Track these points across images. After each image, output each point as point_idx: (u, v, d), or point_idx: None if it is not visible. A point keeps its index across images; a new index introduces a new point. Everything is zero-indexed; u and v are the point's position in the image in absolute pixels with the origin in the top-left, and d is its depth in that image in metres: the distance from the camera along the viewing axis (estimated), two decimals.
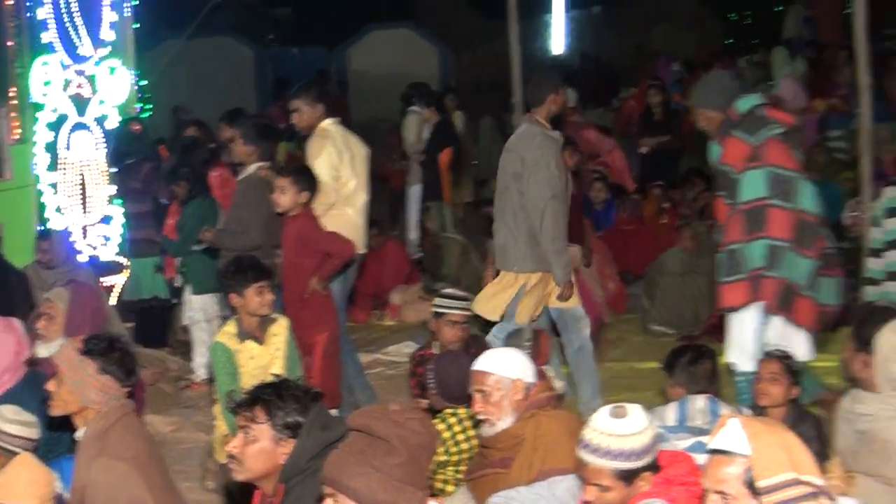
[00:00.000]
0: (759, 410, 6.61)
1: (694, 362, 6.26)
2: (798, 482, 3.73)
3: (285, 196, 8.36)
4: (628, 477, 4.47)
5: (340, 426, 4.38)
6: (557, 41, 32.10)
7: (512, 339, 7.71)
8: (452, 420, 6.57)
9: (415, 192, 15.05)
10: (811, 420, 6.67)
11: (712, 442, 3.86)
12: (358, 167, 9.20)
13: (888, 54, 17.85)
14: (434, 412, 6.72)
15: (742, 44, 25.73)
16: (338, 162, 8.99)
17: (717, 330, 10.37)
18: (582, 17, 33.08)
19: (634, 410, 4.58)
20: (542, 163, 8.20)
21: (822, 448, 6.41)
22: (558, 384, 7.67)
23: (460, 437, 6.54)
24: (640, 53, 25.17)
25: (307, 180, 8.52)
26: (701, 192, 13.13)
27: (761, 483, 3.70)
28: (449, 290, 8.39)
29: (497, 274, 8.79)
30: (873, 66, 10.97)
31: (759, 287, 7.20)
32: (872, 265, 7.64)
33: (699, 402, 5.87)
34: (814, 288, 7.24)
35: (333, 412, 6.38)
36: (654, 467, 4.59)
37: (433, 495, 6.13)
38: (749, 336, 7.38)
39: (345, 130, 9.37)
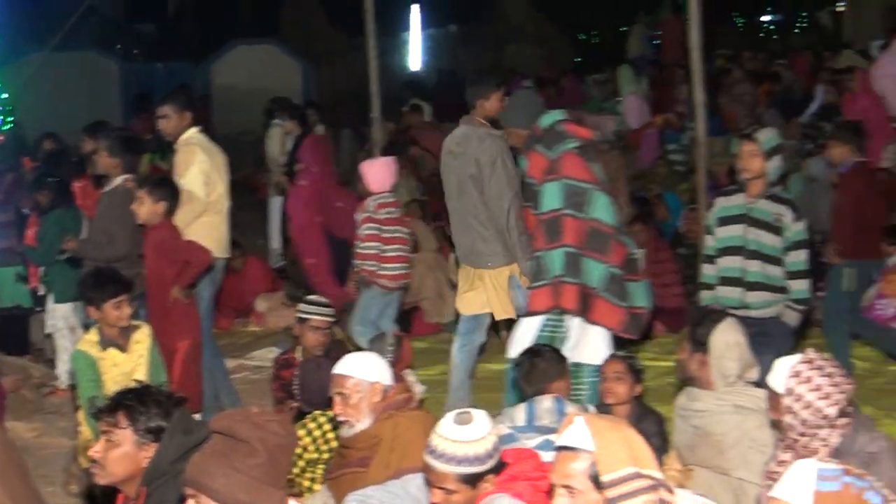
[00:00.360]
0: (604, 408, 6.76)
1: (533, 362, 6.34)
2: (639, 476, 3.81)
3: (143, 207, 8.27)
4: (472, 480, 4.53)
5: (203, 430, 4.38)
6: (415, 58, 32.32)
7: (375, 344, 7.73)
8: (312, 425, 6.58)
9: (276, 203, 15.03)
10: (653, 417, 6.80)
11: (559, 439, 3.92)
12: (222, 174, 9.20)
13: (720, 73, 18.29)
14: (303, 415, 6.79)
15: (590, 62, 26.09)
16: (209, 169, 8.98)
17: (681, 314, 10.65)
18: (438, 34, 33.27)
19: (478, 417, 4.63)
20: (499, 162, 8.16)
21: (662, 443, 6.57)
22: (418, 388, 7.76)
23: (320, 441, 6.59)
24: (495, 69, 25.36)
25: (165, 191, 8.44)
26: None
27: (605, 477, 3.77)
28: (312, 297, 8.39)
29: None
30: (707, 84, 11.24)
31: (560, 293, 7.41)
32: (707, 271, 7.79)
33: (546, 402, 5.95)
34: (612, 291, 7.44)
35: (197, 417, 6.35)
36: (497, 469, 4.65)
37: (297, 494, 6.18)
38: (529, 337, 7.59)
39: (207, 139, 9.36)
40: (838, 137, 9.57)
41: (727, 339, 5.95)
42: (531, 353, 6.53)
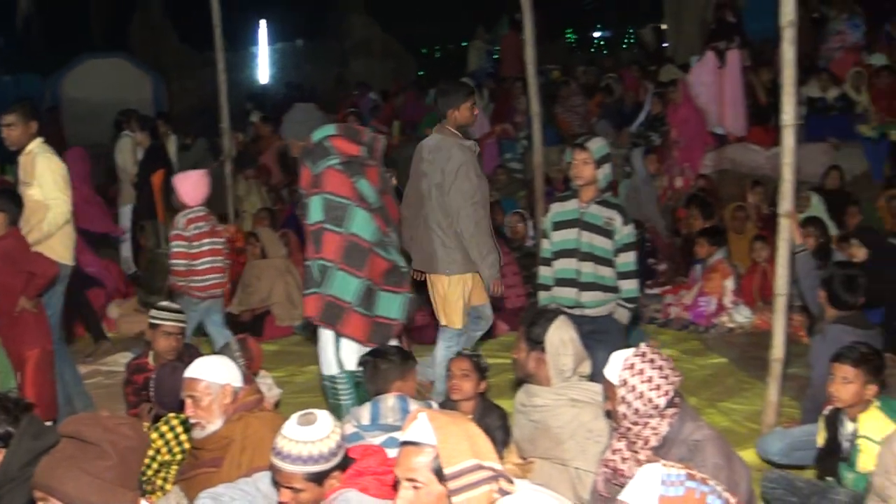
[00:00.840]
0: (451, 404, 6.82)
1: (377, 365, 6.38)
2: (480, 467, 3.86)
3: None
4: (318, 478, 4.53)
5: (53, 435, 4.28)
6: (263, 71, 32.19)
7: (225, 349, 7.68)
8: (165, 428, 6.54)
9: (126, 212, 14.85)
10: (497, 411, 6.82)
11: (403, 435, 3.96)
12: (69, 184, 9.05)
13: (555, 85, 18.55)
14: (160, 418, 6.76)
15: (432, 75, 26.18)
16: (66, 175, 8.84)
17: (425, 331, 10.66)
18: (286, 49, 33.14)
19: (321, 417, 4.63)
20: (462, 171, 8.13)
21: (505, 436, 6.63)
22: (275, 391, 7.74)
23: (173, 443, 6.56)
24: (340, 83, 25.34)
25: (3, 202, 8.27)
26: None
27: (447, 470, 3.81)
28: (164, 303, 8.26)
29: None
30: (543, 96, 11.41)
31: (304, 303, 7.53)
32: (544, 272, 7.86)
33: (390, 400, 5.96)
34: (364, 305, 7.54)
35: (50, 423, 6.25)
36: (343, 465, 4.67)
37: (150, 492, 6.13)
38: (328, 345, 7.74)
39: (52, 150, 9.17)
40: None
41: (562, 337, 6.03)
42: (375, 354, 6.53)
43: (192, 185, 9.90)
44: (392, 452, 4.67)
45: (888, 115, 15.82)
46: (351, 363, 7.67)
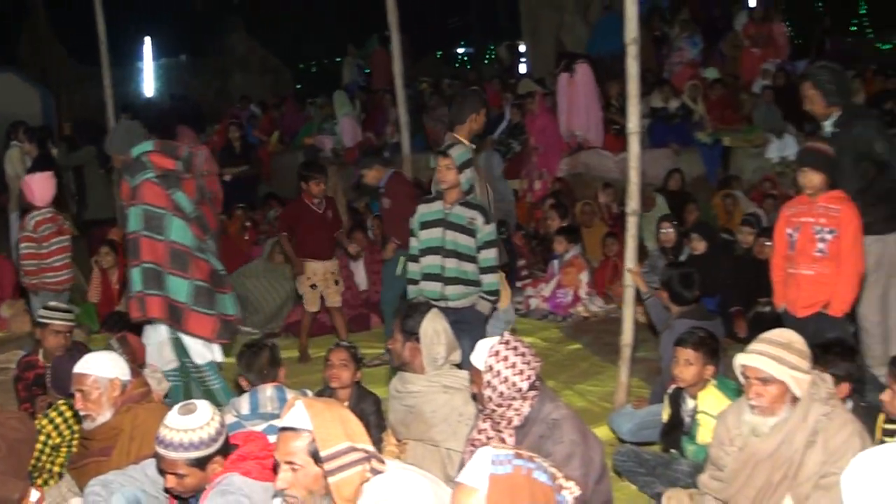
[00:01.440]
0: (329, 392, 6.83)
1: (253, 356, 6.37)
2: (353, 449, 3.89)
3: None
4: (201, 463, 4.55)
5: None
6: (149, 85, 31.83)
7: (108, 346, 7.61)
8: (54, 414, 6.42)
9: (15, 218, 14.62)
10: (371, 398, 6.83)
11: (282, 421, 3.97)
12: None
13: (422, 97, 18.64)
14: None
15: (309, 88, 26.12)
16: None
17: (296, 325, 10.64)
18: (170, 64, 32.76)
19: (201, 406, 4.65)
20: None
21: (379, 421, 6.67)
22: (165, 385, 7.67)
23: (63, 426, 6.47)
24: (222, 96, 25.17)
25: None
26: (278, 212, 13.31)
27: (323, 452, 3.84)
28: (52, 304, 8.17)
29: None
30: (412, 107, 11.47)
31: (146, 305, 7.43)
32: (412, 268, 7.86)
33: (268, 390, 5.95)
34: (201, 303, 7.56)
35: None
36: (226, 451, 4.68)
37: (40, 480, 6.03)
38: (160, 341, 7.75)
39: None
40: (367, 165, 10.01)
41: (435, 327, 6.06)
42: (250, 346, 6.53)
43: (39, 187, 9.80)
44: (272, 439, 4.60)
45: (721, 123, 16.26)
46: (202, 356, 7.74)
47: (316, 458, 3.88)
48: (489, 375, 5.03)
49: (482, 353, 5.09)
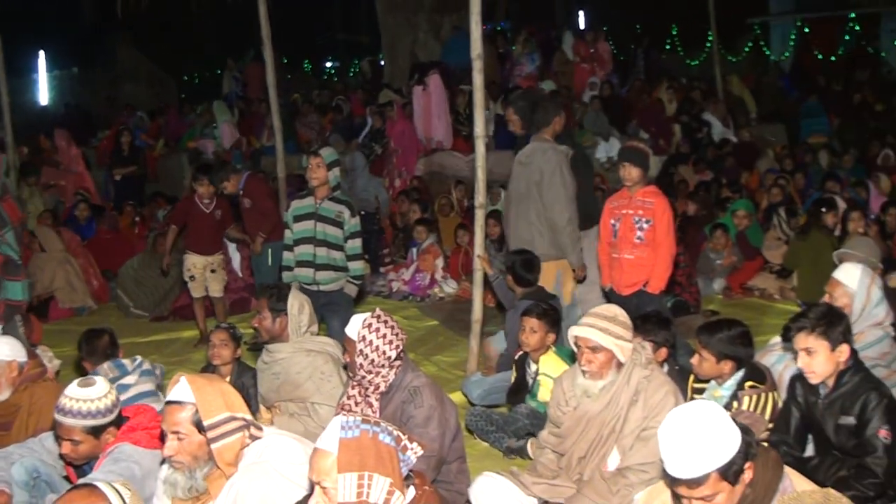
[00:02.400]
0: (212, 368, 6.77)
1: (94, 340, 6.26)
2: (233, 418, 3.89)
3: None
4: (96, 432, 4.51)
5: None
6: (43, 95, 31.03)
7: (9, 325, 7.40)
8: None
9: None
10: (251, 372, 6.77)
11: (168, 396, 3.96)
12: None
13: (294, 105, 18.57)
14: None
15: (192, 98, 25.73)
16: None
17: (186, 309, 10.50)
18: (63, 75, 31.88)
19: (98, 381, 4.63)
20: (557, 171, 7.85)
21: (258, 392, 6.67)
22: (56, 362, 7.50)
23: None
24: (112, 105, 24.64)
25: None
26: (167, 210, 13.11)
27: (206, 422, 3.84)
28: None
29: None
30: (285, 114, 11.42)
31: None
32: (287, 256, 7.86)
33: (105, 365, 5.79)
34: None
35: None
36: (118, 423, 4.63)
37: None
38: None
39: None
40: (223, 178, 9.79)
41: (300, 301, 6.14)
42: (91, 332, 6.42)
43: None
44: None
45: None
46: None
47: (199, 427, 3.87)
48: (362, 345, 5.05)
49: (356, 325, 5.11)
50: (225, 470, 3.94)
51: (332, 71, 31.33)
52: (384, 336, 5.08)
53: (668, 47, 28.42)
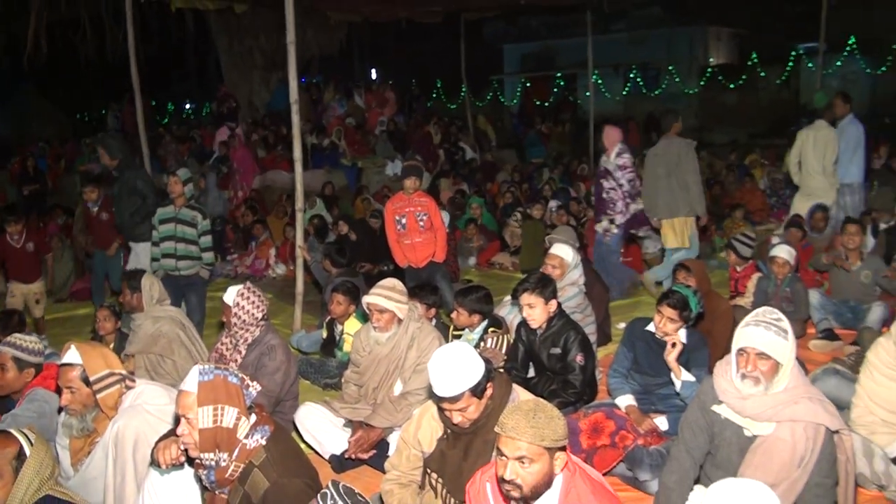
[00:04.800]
0: (99, 337, 6.43)
1: (7, 319, 6.02)
2: (112, 374, 3.81)
3: None
4: (21, 365, 4.46)
5: None
6: None
7: None
8: None
9: None
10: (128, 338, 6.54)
11: (62, 359, 3.84)
12: None
13: (160, 137, 17.88)
14: None
15: (83, 132, 24.37)
16: None
17: (82, 292, 9.94)
18: None
19: (34, 337, 4.59)
20: (692, 155, 8.37)
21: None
22: None
23: None
24: (21, 135, 23.15)
25: None
26: (67, 218, 12.32)
27: (91, 378, 3.76)
28: None
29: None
30: (152, 144, 10.91)
31: None
32: (154, 251, 7.52)
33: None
34: None
35: None
36: (38, 369, 4.54)
37: None
38: None
39: None
40: (91, 182, 9.31)
41: (151, 280, 5.82)
42: (4, 313, 6.23)
43: None
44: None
45: (356, 153, 16.50)
46: None
47: (87, 382, 3.78)
48: (236, 308, 5.03)
49: (232, 294, 5.10)
50: (108, 413, 3.85)
51: (190, 111, 30.18)
52: (253, 302, 5.07)
53: (434, 95, 28.78)
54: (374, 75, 29.22)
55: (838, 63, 25.88)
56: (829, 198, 9.13)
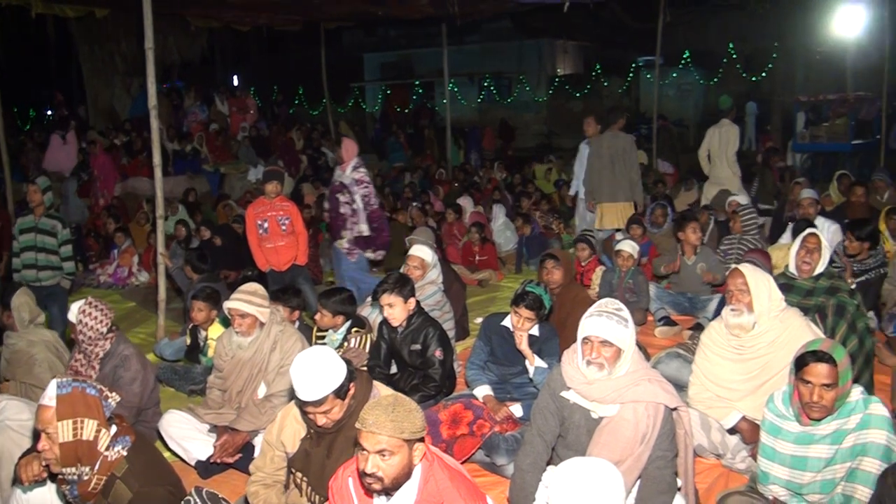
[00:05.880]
0: None
1: None
2: None
3: None
4: None
5: None
6: None
7: None
8: None
9: None
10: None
11: None
12: None
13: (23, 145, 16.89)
14: None
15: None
16: None
17: None
18: None
19: None
20: (634, 149, 9.12)
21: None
22: None
23: None
24: None
25: None
26: None
27: None
28: None
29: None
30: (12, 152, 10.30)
31: None
32: (15, 261, 7.15)
33: None
34: None
35: None
36: None
37: None
38: None
39: None
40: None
41: (21, 299, 5.44)
42: None
43: None
44: None
45: (219, 159, 16.09)
46: None
47: None
48: (80, 325, 4.81)
49: (74, 311, 4.85)
50: None
51: (52, 117, 28.62)
52: (95, 317, 4.83)
53: (296, 102, 28.38)
54: (235, 81, 28.57)
55: (674, 74, 27.29)
56: (733, 185, 10.09)
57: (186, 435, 4.76)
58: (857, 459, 3.30)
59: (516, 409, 4.67)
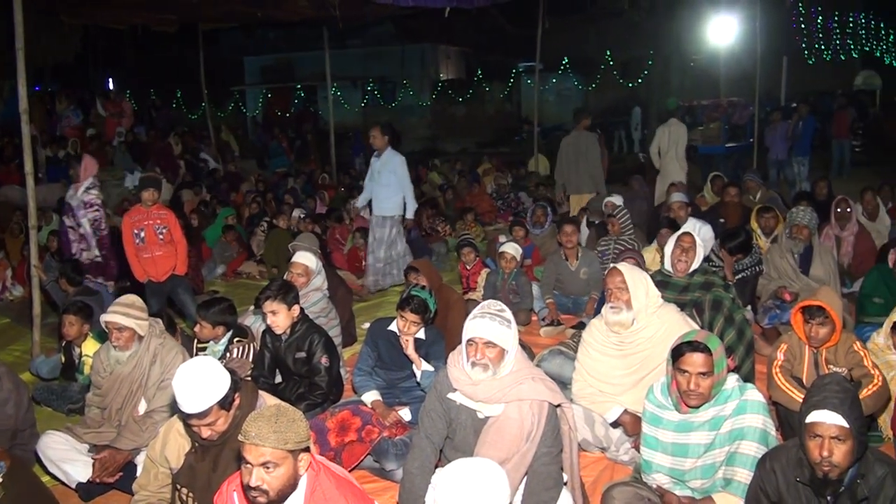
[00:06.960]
0: None
1: None
2: None
3: None
4: None
5: None
6: None
7: None
8: None
9: None
10: None
11: None
12: None
13: None
14: None
15: None
16: None
17: None
18: None
19: None
20: (596, 145, 10.62)
21: None
22: None
23: None
24: None
25: None
26: None
27: None
28: None
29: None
30: None
31: None
32: None
33: None
34: None
35: None
36: None
37: None
38: None
39: None
40: None
41: None
42: None
43: None
44: None
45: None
46: None
47: None
48: None
49: None
50: None
51: None
52: None
53: (174, 105, 27.53)
54: (110, 84, 27.46)
55: (554, 80, 27.99)
56: (681, 178, 11.13)
57: (65, 457, 4.53)
58: (735, 443, 3.43)
59: (405, 414, 4.68)
